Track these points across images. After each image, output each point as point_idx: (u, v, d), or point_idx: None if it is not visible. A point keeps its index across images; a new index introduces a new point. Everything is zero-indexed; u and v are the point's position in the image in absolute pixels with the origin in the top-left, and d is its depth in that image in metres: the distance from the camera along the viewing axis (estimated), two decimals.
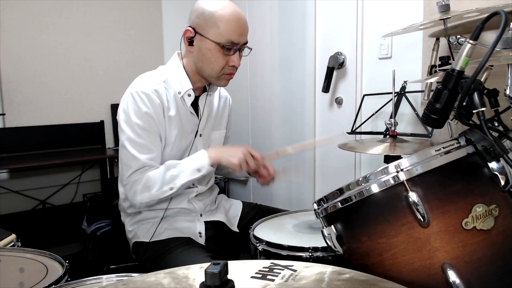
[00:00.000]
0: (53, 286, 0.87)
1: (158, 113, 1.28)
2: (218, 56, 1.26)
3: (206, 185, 1.46)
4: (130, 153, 1.26)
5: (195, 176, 1.27)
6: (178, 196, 1.37)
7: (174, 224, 1.37)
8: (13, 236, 1.17)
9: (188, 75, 1.33)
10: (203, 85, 1.38)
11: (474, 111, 0.82)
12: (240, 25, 1.25)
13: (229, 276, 0.56)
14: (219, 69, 1.28)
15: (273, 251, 1.12)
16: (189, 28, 1.27)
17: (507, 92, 1.00)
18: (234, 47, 1.26)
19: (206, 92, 1.41)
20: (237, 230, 1.48)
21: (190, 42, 1.28)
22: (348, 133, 1.90)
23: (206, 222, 1.41)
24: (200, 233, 1.37)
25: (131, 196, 1.28)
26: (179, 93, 1.32)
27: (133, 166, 1.27)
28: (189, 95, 1.34)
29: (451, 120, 0.89)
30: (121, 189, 1.40)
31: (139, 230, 1.37)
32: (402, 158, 0.78)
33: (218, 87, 1.48)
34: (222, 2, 1.25)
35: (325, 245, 0.88)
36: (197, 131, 1.39)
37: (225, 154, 1.28)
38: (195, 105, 1.38)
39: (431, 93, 0.94)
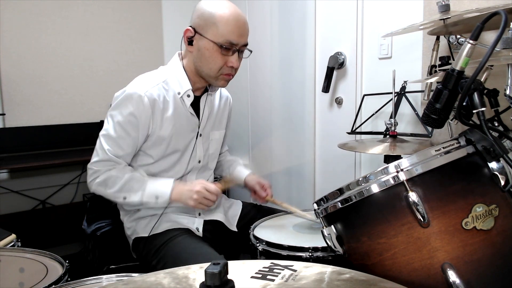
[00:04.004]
0: (53, 286, 0.87)
1: (145, 116, 1.28)
2: (216, 56, 1.26)
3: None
4: (101, 144, 1.31)
5: (151, 201, 1.30)
6: None
7: (173, 218, 1.38)
8: (13, 236, 1.18)
9: (188, 76, 1.33)
10: (203, 85, 1.39)
11: (474, 111, 0.82)
12: (239, 26, 1.25)
13: (229, 276, 0.55)
14: (217, 69, 1.28)
15: (273, 251, 1.12)
16: (189, 28, 1.28)
17: (507, 92, 1.00)
18: (233, 47, 1.26)
19: (207, 92, 1.41)
20: (236, 230, 1.48)
21: (190, 42, 1.29)
22: (348, 133, 1.90)
23: (205, 221, 1.41)
24: (197, 228, 1.38)
25: (88, 181, 1.34)
26: (179, 93, 1.33)
27: (100, 155, 1.31)
28: (188, 96, 1.34)
29: (451, 120, 0.89)
30: None
31: (137, 226, 1.38)
32: (402, 158, 0.78)
33: (218, 87, 1.48)
34: (223, 3, 1.26)
35: (325, 245, 0.88)
36: (195, 131, 1.39)
37: (183, 196, 1.31)
38: (196, 105, 1.38)
39: (431, 93, 0.94)
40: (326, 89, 2.09)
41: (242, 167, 1.60)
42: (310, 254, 1.06)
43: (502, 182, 0.77)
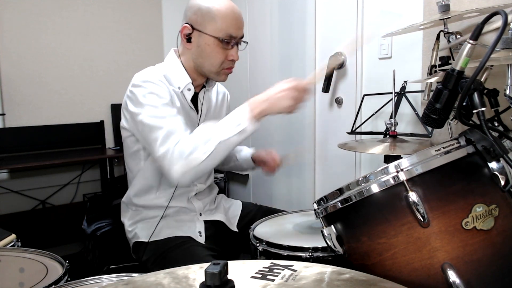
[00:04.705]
0: (53, 286, 0.87)
1: (169, 98, 1.24)
2: (217, 50, 1.26)
3: (205, 183, 1.46)
4: (154, 127, 1.18)
5: (234, 132, 1.11)
6: (178, 194, 1.37)
7: (174, 223, 1.37)
8: (13, 236, 1.17)
9: (187, 72, 1.33)
10: (201, 81, 1.39)
11: (474, 111, 0.82)
12: (236, 19, 1.27)
13: (229, 276, 0.55)
14: (219, 64, 1.29)
15: (273, 251, 1.11)
16: (186, 25, 1.27)
17: (507, 92, 1.00)
18: (233, 41, 1.27)
19: (205, 88, 1.41)
20: (237, 230, 1.48)
21: (188, 39, 1.29)
22: (348, 133, 1.90)
23: (205, 222, 1.41)
24: (200, 232, 1.38)
25: (167, 168, 1.15)
26: (179, 88, 1.32)
27: (160, 136, 1.16)
28: (189, 90, 1.34)
29: (451, 120, 0.89)
30: (130, 183, 1.41)
31: (138, 230, 1.38)
32: (402, 158, 0.78)
33: (216, 83, 1.48)
34: None
35: (325, 245, 0.88)
36: (195, 127, 1.39)
37: (270, 102, 1.12)
38: (194, 101, 1.38)
39: (431, 93, 0.94)
40: (326, 89, 2.09)
41: (246, 149, 1.61)
42: (310, 254, 1.06)
43: (502, 182, 0.77)
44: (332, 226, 0.86)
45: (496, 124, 1.07)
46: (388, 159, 1.53)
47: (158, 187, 1.37)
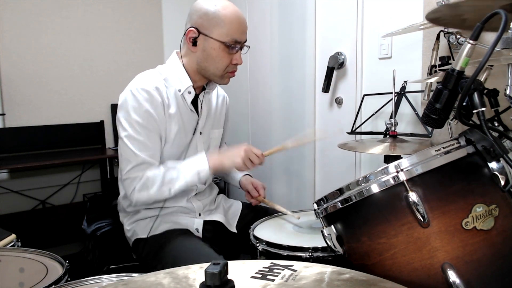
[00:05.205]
0: (53, 286, 0.87)
1: (159, 111, 1.29)
2: (223, 55, 1.28)
3: (205, 184, 1.46)
4: (130, 149, 1.27)
5: (194, 179, 1.29)
6: (177, 194, 1.37)
7: (172, 218, 1.38)
8: (13, 236, 1.17)
9: (188, 74, 1.34)
10: (202, 84, 1.40)
11: (474, 111, 0.82)
12: (241, 23, 1.29)
13: (229, 276, 0.55)
14: (224, 68, 1.31)
15: (273, 251, 1.12)
16: (192, 28, 1.28)
17: (507, 92, 1.00)
18: (237, 45, 1.29)
19: (205, 90, 1.41)
20: (235, 231, 1.48)
21: (194, 42, 1.29)
22: (348, 133, 1.90)
23: (204, 222, 1.41)
24: (197, 229, 1.38)
25: (129, 193, 1.29)
26: (179, 90, 1.33)
27: (132, 161, 1.27)
28: (189, 92, 1.35)
29: (451, 120, 0.89)
30: (121, 186, 1.40)
31: (137, 228, 1.38)
32: (402, 158, 0.78)
33: (216, 86, 1.48)
34: (222, 2, 1.27)
35: (325, 245, 0.88)
36: (196, 129, 1.40)
37: (226, 157, 1.31)
38: (194, 103, 1.39)
39: (431, 93, 0.94)
40: (326, 89, 2.09)
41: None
42: (310, 254, 1.06)
43: (502, 182, 0.77)
44: (332, 226, 0.86)
45: (496, 124, 1.07)
46: (388, 159, 1.53)
47: None
